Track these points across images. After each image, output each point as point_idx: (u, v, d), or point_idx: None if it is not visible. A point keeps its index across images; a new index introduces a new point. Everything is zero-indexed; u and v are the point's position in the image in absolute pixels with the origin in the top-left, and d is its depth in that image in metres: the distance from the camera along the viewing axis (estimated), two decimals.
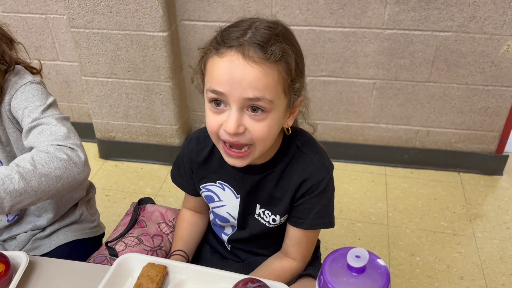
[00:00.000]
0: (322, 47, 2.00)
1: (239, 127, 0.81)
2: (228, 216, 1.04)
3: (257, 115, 0.81)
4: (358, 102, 2.13)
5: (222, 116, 0.82)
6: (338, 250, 0.69)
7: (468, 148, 2.19)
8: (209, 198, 1.04)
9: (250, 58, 0.77)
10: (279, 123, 0.86)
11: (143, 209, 1.21)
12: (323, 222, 0.97)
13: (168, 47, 1.98)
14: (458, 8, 1.83)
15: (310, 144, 0.96)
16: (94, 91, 2.17)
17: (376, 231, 1.92)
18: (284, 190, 0.95)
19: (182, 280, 0.89)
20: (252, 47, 0.78)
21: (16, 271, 0.88)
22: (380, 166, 2.27)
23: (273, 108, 0.81)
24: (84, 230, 1.25)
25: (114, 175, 2.28)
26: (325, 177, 0.93)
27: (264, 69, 0.78)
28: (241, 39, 0.79)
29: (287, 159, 0.94)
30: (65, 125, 1.01)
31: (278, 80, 0.80)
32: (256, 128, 0.81)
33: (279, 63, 0.79)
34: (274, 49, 0.78)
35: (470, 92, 2.03)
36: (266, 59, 0.78)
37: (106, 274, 0.86)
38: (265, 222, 1.00)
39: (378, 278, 0.64)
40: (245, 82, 0.77)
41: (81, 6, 1.92)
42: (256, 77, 0.77)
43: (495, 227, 1.93)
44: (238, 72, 0.77)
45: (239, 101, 0.79)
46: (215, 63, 0.81)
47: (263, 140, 0.84)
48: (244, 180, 0.97)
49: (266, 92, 0.79)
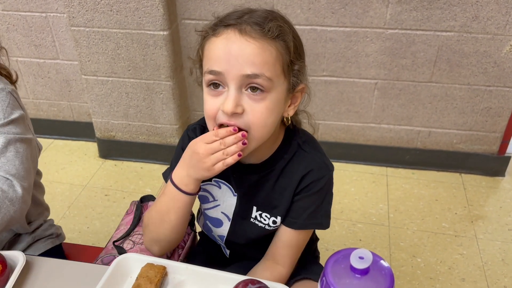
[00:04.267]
0: (324, 46, 1.99)
1: (237, 107, 0.78)
2: (223, 216, 0.99)
3: (256, 94, 0.78)
4: (359, 102, 2.12)
5: (220, 98, 0.80)
6: (341, 251, 0.67)
7: (470, 149, 2.17)
8: (203, 198, 1.00)
9: (247, 34, 0.76)
10: (279, 108, 0.83)
11: (146, 207, 1.20)
12: (316, 223, 0.93)
13: (168, 46, 1.97)
14: (461, 8, 1.82)
15: (311, 142, 0.94)
16: (94, 90, 2.16)
17: (377, 232, 1.91)
18: (283, 189, 0.92)
19: (181, 281, 0.87)
20: (249, 25, 0.77)
21: (13, 271, 0.87)
22: (381, 167, 2.26)
23: (272, 88, 0.79)
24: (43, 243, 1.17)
25: (114, 175, 2.27)
26: (325, 175, 0.91)
27: (261, 44, 0.77)
28: (238, 19, 0.78)
29: (287, 157, 0.91)
30: (14, 149, 0.91)
31: (277, 57, 0.78)
32: (255, 110, 0.79)
33: (277, 40, 0.78)
34: (271, 26, 0.78)
35: (472, 92, 2.01)
36: (263, 35, 0.77)
37: (104, 274, 0.85)
38: (263, 225, 0.96)
39: (382, 279, 0.63)
40: (242, 58, 0.76)
41: (81, 5, 1.91)
42: (253, 51, 0.76)
43: (497, 229, 1.92)
44: (235, 47, 0.76)
45: (237, 79, 0.77)
46: (211, 44, 0.79)
47: (261, 126, 0.80)
48: (242, 179, 0.94)
49: (264, 69, 0.77)
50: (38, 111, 2.50)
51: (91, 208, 2.06)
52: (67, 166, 2.33)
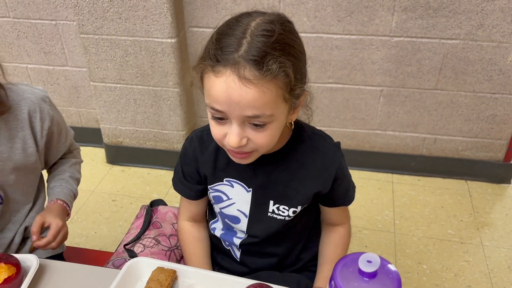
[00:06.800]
0: (329, 54, 2.01)
1: (242, 140, 0.81)
2: (239, 213, 1.00)
3: (258, 128, 0.81)
4: (365, 109, 2.13)
5: (225, 127, 0.82)
6: (349, 255, 0.69)
7: (475, 156, 2.18)
8: (217, 198, 1.01)
9: (246, 79, 0.75)
10: (281, 127, 0.86)
11: (156, 211, 1.21)
12: (354, 187, 1.05)
13: (176, 54, 1.99)
14: (466, 16, 1.83)
15: (316, 131, 0.99)
16: (103, 96, 2.18)
17: (383, 239, 1.92)
18: (302, 179, 0.95)
19: (191, 285, 0.89)
20: (247, 64, 0.74)
21: (27, 274, 0.88)
22: (387, 174, 2.27)
23: (274, 120, 0.81)
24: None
25: (121, 180, 2.28)
26: (340, 156, 0.98)
27: (261, 88, 0.76)
28: (235, 54, 0.75)
29: (299, 147, 0.95)
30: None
31: (277, 93, 0.78)
32: (259, 138, 0.82)
33: (277, 77, 0.76)
34: (271, 65, 0.75)
35: (478, 100, 2.02)
36: (262, 77, 0.75)
37: (115, 277, 0.86)
38: (283, 217, 0.98)
39: (389, 283, 0.64)
40: (242, 103, 0.76)
41: (91, 13, 1.94)
42: (253, 97, 0.76)
43: (503, 236, 1.92)
44: (235, 94, 0.76)
45: (239, 118, 0.79)
46: (211, 82, 0.78)
47: (267, 146, 0.85)
48: (255, 173, 0.95)
49: (265, 109, 0.78)
50: None
51: (98, 213, 2.08)
52: None
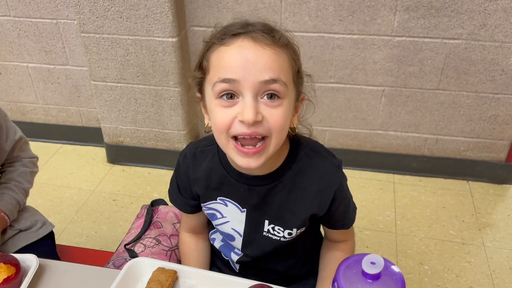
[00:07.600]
0: (331, 53, 2.00)
1: (258, 115, 0.75)
2: (234, 232, 0.96)
3: (273, 101, 0.77)
4: (366, 109, 2.12)
5: (235, 108, 0.77)
6: (352, 256, 0.68)
7: (477, 157, 2.17)
8: (212, 215, 0.98)
9: (261, 41, 0.76)
10: (291, 115, 0.83)
11: (156, 211, 1.21)
12: (354, 209, 0.99)
13: (177, 53, 1.98)
14: (468, 16, 1.83)
15: (315, 148, 0.93)
16: (103, 95, 2.18)
17: (384, 239, 1.91)
18: (298, 201, 0.90)
19: (192, 285, 0.88)
20: (259, 33, 0.77)
21: (26, 274, 0.88)
22: (389, 174, 2.26)
23: (286, 95, 0.79)
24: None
25: (122, 180, 2.28)
26: (340, 177, 0.92)
27: (276, 50, 0.77)
28: (243, 29, 0.78)
29: (296, 167, 0.90)
30: None
31: (289, 64, 0.79)
32: (274, 116, 0.77)
33: (288, 47, 0.80)
34: (281, 35, 0.79)
35: (480, 100, 2.02)
36: (275, 42, 0.77)
37: (116, 278, 0.85)
38: (278, 237, 0.94)
39: (393, 285, 0.64)
40: (259, 64, 0.75)
41: (92, 12, 1.93)
42: (270, 58, 0.76)
43: (505, 237, 1.91)
44: (251, 54, 0.75)
45: (254, 86, 0.75)
46: (222, 53, 0.78)
47: (280, 130, 0.79)
48: (250, 192, 0.90)
49: (281, 74, 0.77)
50: (47, 116, 2.52)
51: (99, 213, 2.07)
52: (76, 171, 2.35)
